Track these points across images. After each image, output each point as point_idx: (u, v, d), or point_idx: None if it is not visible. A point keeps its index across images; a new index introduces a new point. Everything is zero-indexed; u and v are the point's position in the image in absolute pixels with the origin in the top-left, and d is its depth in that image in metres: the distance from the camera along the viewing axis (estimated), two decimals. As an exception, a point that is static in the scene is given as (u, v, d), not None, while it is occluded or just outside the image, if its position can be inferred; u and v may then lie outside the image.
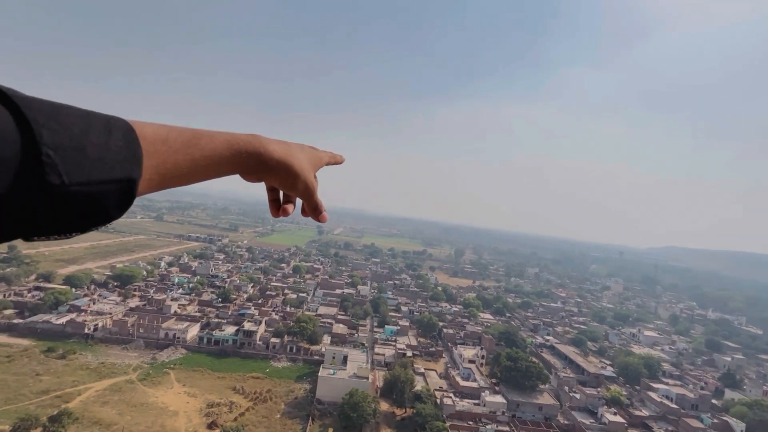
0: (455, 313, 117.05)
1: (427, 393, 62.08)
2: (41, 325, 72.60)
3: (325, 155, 1.75)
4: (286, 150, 1.41)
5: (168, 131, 1.07)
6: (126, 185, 0.90)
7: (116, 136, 0.89)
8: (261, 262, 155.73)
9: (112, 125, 0.90)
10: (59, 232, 0.85)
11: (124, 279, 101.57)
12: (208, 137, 1.18)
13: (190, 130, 1.15)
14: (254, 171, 1.34)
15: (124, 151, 0.89)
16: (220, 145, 1.20)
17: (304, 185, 1.50)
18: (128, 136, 0.93)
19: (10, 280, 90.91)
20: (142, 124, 1.01)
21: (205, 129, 1.19)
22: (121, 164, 0.88)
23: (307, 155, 1.57)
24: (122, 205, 0.93)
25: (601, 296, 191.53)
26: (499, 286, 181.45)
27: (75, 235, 0.91)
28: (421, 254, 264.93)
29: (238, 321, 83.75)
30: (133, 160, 0.91)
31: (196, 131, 1.16)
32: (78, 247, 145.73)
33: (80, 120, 0.82)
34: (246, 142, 1.28)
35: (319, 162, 1.68)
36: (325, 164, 1.76)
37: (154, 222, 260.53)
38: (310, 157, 1.58)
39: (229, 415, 54.97)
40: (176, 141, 1.07)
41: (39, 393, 53.90)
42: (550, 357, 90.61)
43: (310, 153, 1.61)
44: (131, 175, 0.91)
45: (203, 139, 1.16)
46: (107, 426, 49.07)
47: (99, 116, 0.89)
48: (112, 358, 67.24)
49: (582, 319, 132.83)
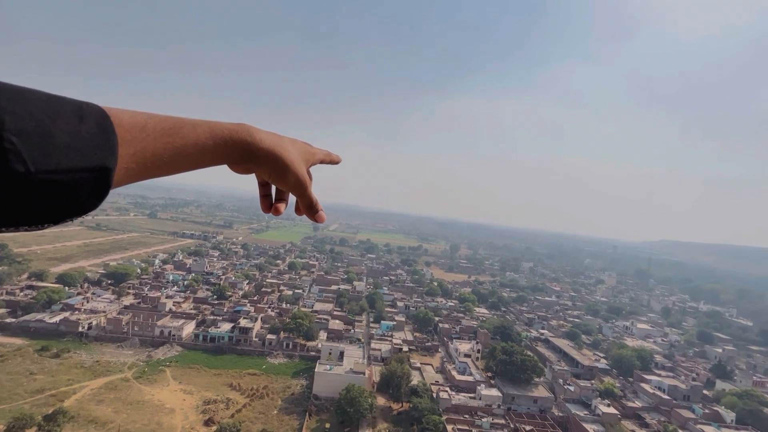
0: (451, 307, 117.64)
1: (423, 387, 62.48)
2: (34, 324, 71.96)
3: (319, 152, 1.68)
4: (276, 141, 1.35)
5: (147, 118, 1.03)
6: (100, 174, 0.86)
7: (89, 123, 0.85)
8: (256, 259, 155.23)
9: (84, 111, 0.86)
10: (29, 222, 0.81)
11: (118, 277, 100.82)
12: (191, 125, 1.13)
13: (172, 118, 1.11)
14: (241, 161, 1.29)
15: (97, 138, 0.86)
16: (203, 133, 1.15)
17: (295, 178, 1.43)
18: (102, 122, 0.89)
19: (2, 279, 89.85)
20: (118, 111, 0.97)
21: (188, 117, 1.16)
22: (93, 152, 0.84)
23: (299, 149, 1.51)
24: (97, 195, 0.89)
25: (595, 290, 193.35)
26: (494, 280, 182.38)
27: (48, 226, 0.88)
28: (417, 250, 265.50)
29: (234, 318, 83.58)
30: (106, 148, 0.88)
31: (177, 119, 1.12)
32: (71, 246, 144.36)
33: (48, 105, 0.79)
34: (232, 131, 1.22)
35: (312, 158, 1.61)
36: (319, 161, 1.69)
37: (148, 219, 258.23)
38: (303, 152, 1.52)
39: (226, 411, 54.98)
40: (155, 129, 1.03)
41: (33, 392, 53.52)
42: (545, 350, 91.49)
43: (302, 147, 1.55)
44: (105, 163, 0.87)
45: (185, 127, 1.11)
46: (103, 424, 48.89)
47: (69, 101, 0.86)
48: (107, 356, 66.87)
49: (576, 313, 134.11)
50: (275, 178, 1.42)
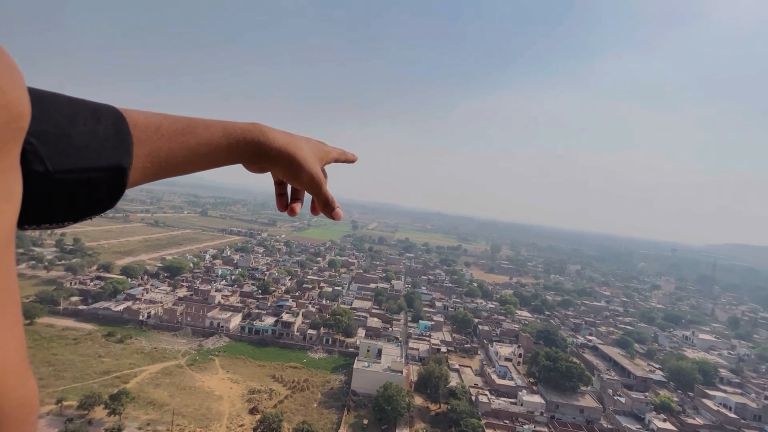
0: (491, 309, 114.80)
1: (462, 389, 61.51)
2: (102, 311, 79.03)
3: (333, 151, 1.65)
4: (289, 139, 1.35)
5: (161, 119, 1.06)
6: (115, 173, 0.89)
7: (105, 124, 0.88)
8: (298, 256, 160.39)
9: (100, 113, 0.89)
10: (50, 220, 0.84)
11: (173, 270, 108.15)
12: (204, 125, 1.15)
13: (186, 118, 1.13)
14: (255, 160, 1.30)
15: (112, 138, 0.89)
16: (217, 133, 1.17)
17: (310, 177, 1.41)
18: (118, 123, 0.91)
19: (76, 270, 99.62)
20: (133, 112, 0.99)
21: (201, 118, 1.17)
22: (109, 152, 0.87)
23: (313, 147, 1.49)
24: (113, 194, 0.92)
25: (650, 296, 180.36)
26: (537, 283, 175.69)
27: (68, 224, 0.90)
28: (456, 249, 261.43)
29: (277, 312, 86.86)
30: (122, 148, 0.91)
31: (191, 119, 1.14)
32: (133, 240, 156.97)
33: (66, 107, 0.81)
34: (245, 130, 1.23)
35: (326, 156, 1.58)
36: (333, 160, 1.66)
37: (200, 217, 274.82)
38: (316, 150, 1.51)
39: (269, 401, 57.34)
40: (170, 129, 1.05)
41: (101, 373, 58.86)
42: (593, 358, 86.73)
43: (316, 145, 1.53)
44: (120, 162, 0.90)
45: (199, 127, 1.13)
46: (160, 407, 52.75)
47: (87, 104, 0.88)
48: (163, 343, 72.02)
49: (628, 320, 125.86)
50: (289, 176, 1.42)
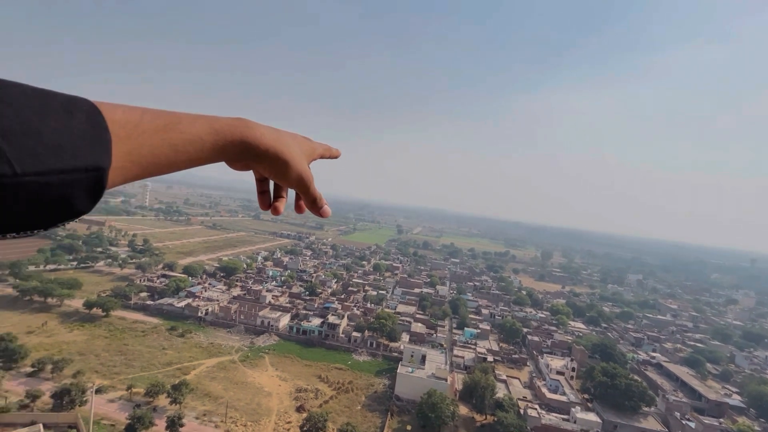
0: (541, 319, 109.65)
1: (509, 401, 59.18)
2: (166, 307, 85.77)
3: (319, 147, 1.62)
4: (276, 136, 1.27)
5: (142, 113, 0.96)
6: (93, 175, 0.79)
7: (79, 119, 0.78)
8: (344, 259, 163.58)
9: (73, 106, 0.79)
10: (17, 229, 0.73)
11: (229, 270, 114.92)
12: (188, 120, 1.06)
13: (168, 112, 1.04)
14: (240, 158, 1.21)
15: (88, 135, 0.78)
16: (202, 128, 1.08)
17: (298, 175, 1.35)
18: (93, 118, 0.82)
19: (145, 268, 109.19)
20: (110, 105, 0.90)
21: (184, 112, 1.09)
22: (85, 150, 0.77)
23: (300, 144, 1.44)
24: (91, 197, 0.81)
25: (725, 311, 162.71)
26: (593, 292, 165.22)
27: (38, 232, 0.80)
28: (504, 255, 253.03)
29: (323, 314, 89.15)
30: (99, 146, 0.80)
31: (174, 114, 1.05)
32: (193, 242, 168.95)
33: (33, 100, 0.71)
34: (231, 126, 1.15)
35: (313, 153, 1.55)
36: (319, 156, 1.63)
37: (253, 220, 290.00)
38: (303, 147, 1.46)
39: (315, 401, 58.86)
40: (152, 124, 0.96)
41: (164, 364, 63.80)
42: (657, 376, 79.69)
43: (302, 142, 1.48)
44: (98, 162, 0.80)
45: (182, 122, 1.04)
46: (215, 399, 56.10)
47: (57, 96, 0.78)
48: (218, 339, 76.61)
49: (699, 336, 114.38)
50: (276, 174, 1.34)
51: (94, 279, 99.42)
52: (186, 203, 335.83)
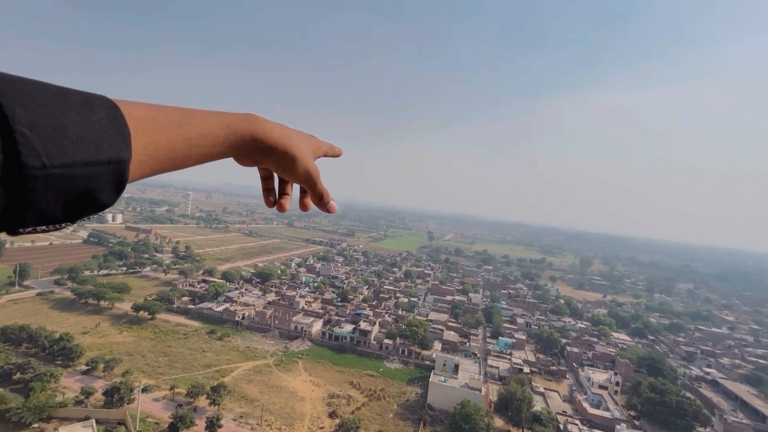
0: (581, 330, 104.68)
1: (548, 415, 56.75)
2: (206, 311, 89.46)
3: (324, 144, 1.66)
4: (284, 132, 1.33)
5: (157, 109, 1.00)
6: (116, 167, 0.82)
7: (99, 114, 0.81)
8: (375, 266, 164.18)
9: (93, 102, 0.82)
10: (46, 222, 0.76)
11: (264, 276, 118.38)
12: (201, 115, 1.11)
13: (182, 108, 1.09)
14: (250, 153, 1.25)
15: (109, 129, 0.81)
16: (214, 123, 1.13)
17: (305, 170, 1.40)
18: (113, 113, 0.84)
19: (187, 274, 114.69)
20: (127, 102, 0.93)
21: (196, 108, 1.13)
22: (108, 143, 0.80)
23: (305, 140, 1.48)
24: (115, 190, 0.85)
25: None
26: (638, 302, 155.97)
27: (65, 226, 0.82)
28: (539, 263, 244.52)
29: (355, 320, 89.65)
30: (120, 139, 0.83)
31: (187, 110, 1.10)
32: (231, 249, 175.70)
33: (57, 96, 0.74)
34: (241, 121, 1.20)
35: (318, 149, 1.59)
36: (323, 154, 1.67)
37: (287, 227, 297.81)
38: (310, 143, 1.50)
39: (347, 407, 59.05)
40: (167, 119, 1.00)
41: (204, 366, 66.40)
42: (712, 394, 73.71)
43: (308, 139, 1.53)
44: (120, 155, 0.83)
45: (196, 118, 1.09)
46: (251, 401, 57.64)
47: (77, 93, 0.81)
48: (254, 343, 78.82)
49: (761, 352, 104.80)
50: (285, 170, 1.39)
51: (141, 284, 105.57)
52: (224, 211, 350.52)
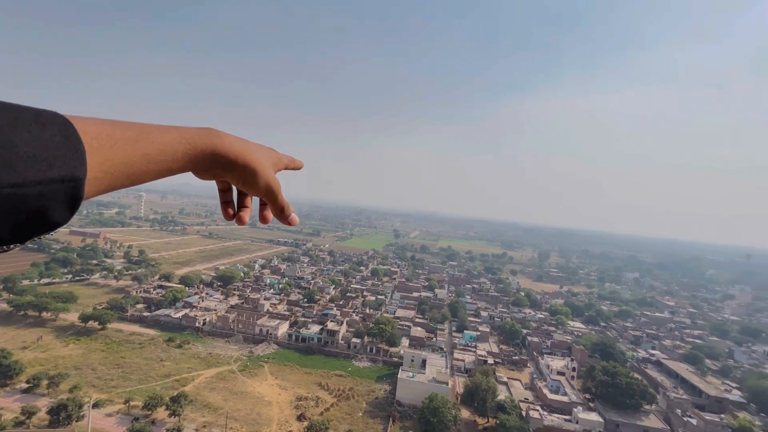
0: (540, 320, 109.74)
1: (511, 404, 59.01)
2: (163, 318, 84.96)
3: (284, 157, 1.66)
4: (244, 145, 1.30)
5: (113, 125, 0.96)
6: (70, 185, 0.78)
7: (51, 130, 0.77)
8: (341, 265, 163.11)
9: (44, 119, 0.78)
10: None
11: (226, 279, 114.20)
12: (159, 131, 1.07)
13: (139, 124, 1.05)
14: (209, 168, 1.23)
15: (62, 146, 0.77)
16: (173, 139, 1.09)
17: (266, 184, 1.37)
18: (66, 129, 0.80)
19: (141, 280, 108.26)
20: (81, 118, 0.89)
21: (153, 123, 1.10)
22: (61, 161, 0.76)
23: (266, 154, 1.47)
24: (68, 208, 0.81)
25: (722, 307, 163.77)
26: (591, 292, 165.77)
27: (14, 247, 0.78)
28: (501, 257, 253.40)
29: (322, 320, 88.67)
30: (74, 157, 0.79)
31: (145, 125, 1.06)
32: (189, 252, 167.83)
33: (5, 113, 0.70)
34: (201, 136, 1.18)
35: (279, 162, 1.58)
36: (283, 167, 1.66)
37: (249, 228, 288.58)
38: (270, 157, 1.49)
39: (316, 409, 58.38)
40: (123, 135, 0.96)
41: (162, 376, 63.09)
42: (657, 374, 79.85)
43: (269, 152, 1.52)
44: (74, 173, 0.79)
45: (154, 133, 1.05)
46: (214, 410, 55.49)
47: (27, 109, 0.77)
48: (217, 349, 75.92)
49: (697, 333, 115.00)
50: (245, 183, 1.36)
51: (89, 292, 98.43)
52: (181, 213, 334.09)
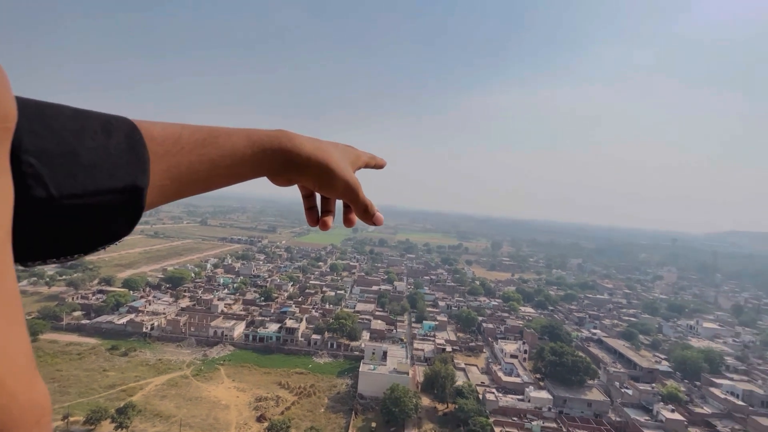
0: (495, 307, 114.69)
1: (468, 388, 61.42)
2: (105, 325, 78.82)
3: (364, 155, 1.51)
4: (318, 145, 1.20)
5: (180, 129, 0.93)
6: (131, 195, 0.76)
7: (117, 138, 0.76)
8: (299, 262, 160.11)
9: (112, 126, 0.77)
10: (57, 254, 0.71)
11: (175, 281, 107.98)
12: (226, 134, 1.01)
13: (206, 127, 1.00)
14: (282, 171, 1.14)
15: (126, 154, 0.76)
16: (240, 141, 1.03)
17: (345, 184, 1.26)
18: (132, 136, 0.79)
19: (77, 285, 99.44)
20: (149, 124, 0.87)
21: (221, 126, 1.03)
22: (123, 170, 0.75)
23: (342, 152, 1.35)
24: (130, 219, 0.79)
25: (653, 287, 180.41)
26: (539, 278, 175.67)
27: (78, 257, 0.76)
28: (457, 248, 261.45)
29: (281, 319, 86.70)
30: (137, 165, 0.78)
31: (212, 128, 1.01)
32: (133, 253, 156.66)
33: (72, 121, 0.68)
34: (271, 137, 1.10)
35: (358, 160, 1.45)
36: (364, 164, 1.52)
37: (199, 226, 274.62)
38: (347, 154, 1.37)
39: (276, 408, 57.19)
40: (190, 140, 0.92)
41: (106, 387, 58.64)
42: (598, 351, 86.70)
43: (345, 150, 1.40)
44: (136, 182, 0.77)
45: (221, 136, 1.00)
46: (166, 418, 52.58)
47: (96, 115, 0.75)
48: (168, 354, 71.81)
49: (632, 311, 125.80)
50: (322, 185, 1.26)
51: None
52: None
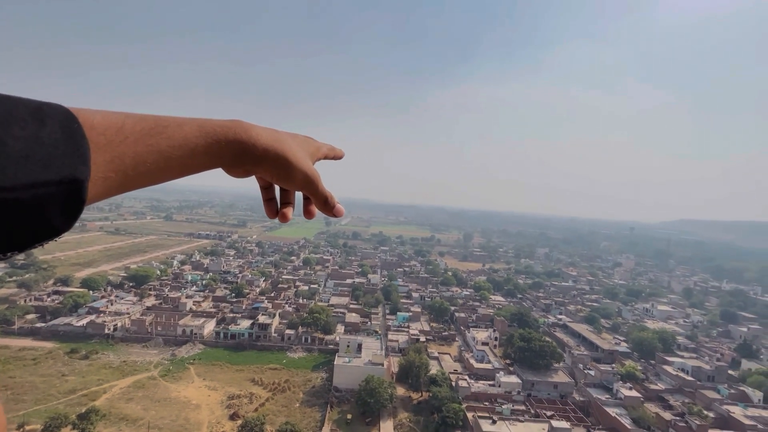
0: (466, 296, 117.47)
1: (442, 376, 62.85)
2: (63, 327, 74.54)
3: (323, 146, 1.51)
4: (276, 137, 1.15)
5: (123, 118, 0.86)
6: (70, 188, 0.70)
7: (51, 127, 0.69)
8: (271, 256, 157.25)
9: (43, 113, 0.70)
10: None
11: (139, 279, 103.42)
12: (176, 124, 0.96)
13: (151, 116, 0.93)
14: (238, 163, 1.09)
15: (62, 144, 0.70)
16: (192, 132, 0.97)
17: (303, 176, 1.24)
18: (68, 125, 0.72)
19: (30, 286, 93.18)
20: (88, 112, 0.80)
21: (172, 116, 0.98)
22: (59, 161, 0.68)
23: (302, 143, 1.33)
24: (69, 214, 0.73)
25: (613, 273, 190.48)
26: (509, 268, 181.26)
27: (12, 255, 0.70)
28: (430, 240, 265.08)
29: (253, 315, 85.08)
30: (76, 156, 0.71)
31: (160, 117, 0.94)
32: (92, 251, 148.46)
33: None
34: (225, 128, 1.03)
35: (317, 152, 1.44)
36: (323, 156, 1.51)
37: (164, 222, 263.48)
38: (306, 146, 1.36)
39: (250, 406, 56.33)
40: (135, 129, 0.86)
41: (66, 392, 55.67)
42: (564, 336, 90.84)
43: (305, 141, 1.39)
44: (75, 174, 0.71)
45: (170, 126, 0.93)
46: (133, 421, 50.66)
47: (25, 102, 0.69)
48: (133, 356, 68.97)
49: (594, 297, 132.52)
50: (280, 177, 1.22)
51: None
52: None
